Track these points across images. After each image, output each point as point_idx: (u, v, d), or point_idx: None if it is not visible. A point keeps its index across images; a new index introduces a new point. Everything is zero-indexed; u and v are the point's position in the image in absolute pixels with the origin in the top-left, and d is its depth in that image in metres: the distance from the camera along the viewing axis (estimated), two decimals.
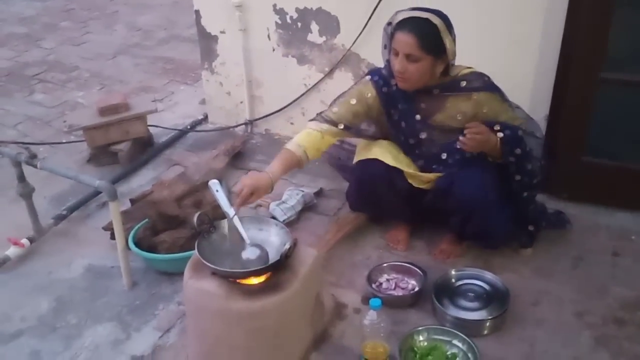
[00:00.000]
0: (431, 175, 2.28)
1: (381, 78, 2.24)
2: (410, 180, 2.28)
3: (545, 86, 2.55)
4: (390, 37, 2.11)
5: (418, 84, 2.13)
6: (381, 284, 2.25)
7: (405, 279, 2.26)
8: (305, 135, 2.22)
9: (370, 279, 2.23)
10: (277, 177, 2.08)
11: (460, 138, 2.09)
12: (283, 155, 2.16)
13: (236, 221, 1.90)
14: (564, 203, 2.65)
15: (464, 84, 2.14)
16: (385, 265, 2.31)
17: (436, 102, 2.19)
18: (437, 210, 2.30)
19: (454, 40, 2.07)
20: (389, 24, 2.12)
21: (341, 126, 2.24)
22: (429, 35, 2.02)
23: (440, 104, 2.19)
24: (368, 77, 2.27)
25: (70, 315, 2.22)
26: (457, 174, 2.18)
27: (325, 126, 2.23)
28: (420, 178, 2.29)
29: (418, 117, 2.21)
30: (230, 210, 1.91)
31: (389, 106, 2.26)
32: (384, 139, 2.36)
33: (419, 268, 2.24)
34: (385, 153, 2.28)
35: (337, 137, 2.29)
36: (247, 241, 1.88)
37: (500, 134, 2.10)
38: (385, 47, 2.19)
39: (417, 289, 2.19)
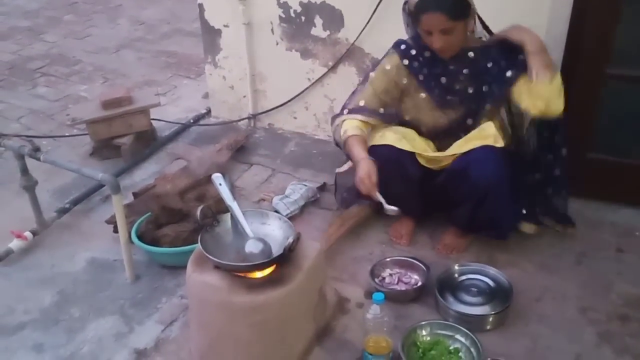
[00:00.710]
0: (449, 156, 2.25)
1: (407, 46, 2.27)
2: (425, 164, 2.27)
3: None
4: (414, 18, 2.13)
5: (458, 48, 2.15)
6: (384, 278, 2.25)
7: (409, 273, 2.26)
8: (350, 122, 2.27)
9: (373, 274, 2.23)
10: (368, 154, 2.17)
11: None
12: (356, 140, 2.22)
13: (239, 215, 1.89)
14: (569, 198, 2.64)
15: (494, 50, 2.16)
16: (388, 259, 2.30)
17: (469, 61, 2.20)
18: (444, 201, 2.29)
19: None
20: (405, 3, 2.16)
21: (373, 118, 2.29)
22: (454, 3, 2.05)
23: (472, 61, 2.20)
24: (392, 50, 2.30)
25: (73, 309, 2.22)
26: (473, 155, 2.16)
27: (362, 117, 2.28)
28: (436, 159, 2.27)
29: (466, 70, 2.22)
30: (233, 204, 1.90)
31: (418, 72, 2.26)
32: (401, 124, 2.36)
33: (422, 263, 2.24)
34: (400, 139, 2.25)
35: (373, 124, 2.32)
36: (250, 235, 1.87)
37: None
38: (407, 25, 2.22)
39: (420, 283, 2.19)
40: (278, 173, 3.01)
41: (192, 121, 3.58)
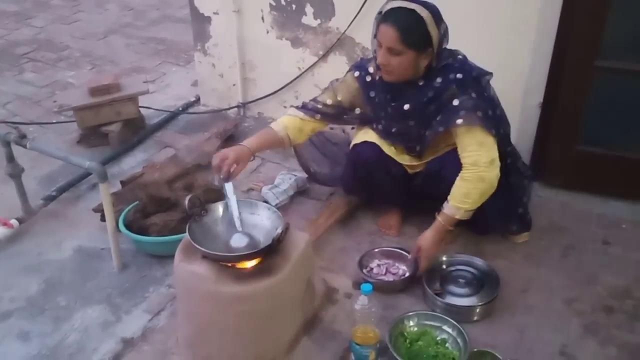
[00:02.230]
0: (421, 161, 2.29)
1: (364, 70, 2.23)
2: (403, 164, 2.30)
3: (540, 74, 2.54)
4: (376, 28, 2.06)
5: (401, 77, 2.08)
6: (372, 269, 2.25)
7: (396, 264, 2.26)
8: (286, 118, 2.25)
9: (361, 264, 2.24)
10: (255, 148, 2.09)
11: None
12: (264, 132, 2.21)
13: (234, 209, 1.90)
14: (556, 191, 2.66)
15: (439, 80, 2.07)
16: (376, 250, 2.31)
17: (419, 93, 2.12)
18: (429, 195, 2.30)
19: (444, 32, 2.01)
20: (380, 13, 2.06)
21: (318, 116, 2.26)
22: (412, 28, 1.95)
23: (423, 95, 2.12)
24: (352, 72, 2.27)
25: (60, 297, 2.21)
26: (447, 157, 2.17)
27: (303, 114, 2.25)
28: (411, 163, 2.31)
29: (407, 106, 2.15)
30: (232, 197, 1.91)
31: (371, 95, 2.24)
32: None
33: (410, 254, 2.24)
34: (379, 138, 2.30)
35: (320, 125, 2.30)
36: (239, 229, 1.87)
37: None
38: (375, 36, 2.11)
39: (407, 274, 2.20)
40: (267, 162, 3.00)
41: (181, 109, 3.55)
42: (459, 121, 2.02)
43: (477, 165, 2.02)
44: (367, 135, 2.29)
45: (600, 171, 2.60)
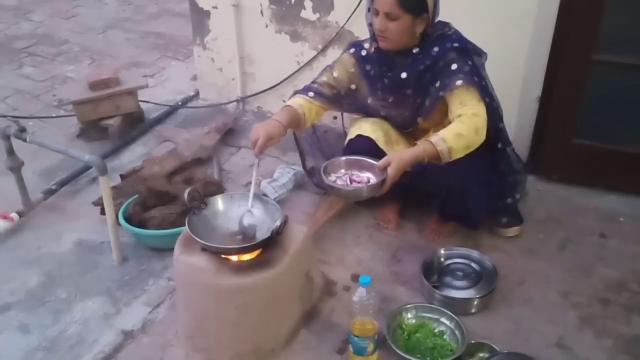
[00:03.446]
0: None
1: (359, 46, 2.28)
2: None
3: (538, 67, 2.55)
4: None
5: (398, 44, 2.11)
6: (336, 180, 2.13)
7: (361, 174, 2.14)
8: (297, 98, 2.26)
9: (326, 172, 2.13)
10: (286, 124, 2.12)
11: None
12: (286, 109, 2.20)
13: (253, 183, 1.96)
14: (554, 184, 2.67)
15: (436, 49, 2.10)
16: (342, 159, 2.19)
17: (416, 62, 2.14)
18: (422, 190, 2.31)
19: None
20: None
21: (320, 97, 2.27)
22: None
23: (420, 62, 2.14)
24: (347, 50, 2.31)
25: (60, 290, 2.22)
26: None
27: (309, 95, 2.27)
28: None
29: (404, 75, 2.15)
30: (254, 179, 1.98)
31: (367, 68, 2.25)
32: (368, 115, 2.37)
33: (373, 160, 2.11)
34: (375, 129, 2.28)
35: (322, 108, 2.30)
36: (250, 206, 1.91)
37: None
38: (369, 10, 2.17)
39: (372, 181, 2.08)
40: (266, 156, 3.00)
41: (180, 103, 3.56)
42: (459, 82, 2.04)
43: (478, 116, 2.02)
44: (362, 129, 2.29)
45: (598, 165, 2.61)
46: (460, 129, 2.00)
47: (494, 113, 2.14)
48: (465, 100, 2.04)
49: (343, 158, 2.22)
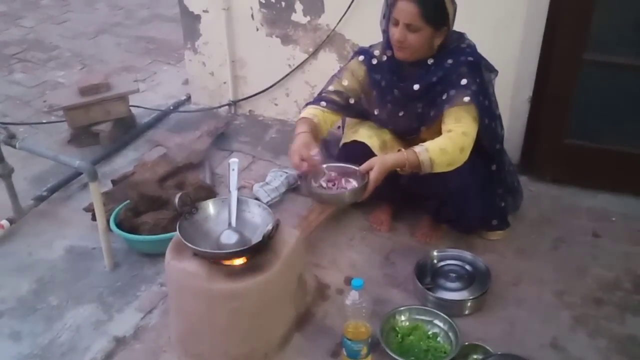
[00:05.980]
0: None
1: (368, 54, 2.24)
2: None
3: (529, 68, 2.56)
4: (390, 6, 2.05)
5: (416, 55, 2.08)
6: (321, 185, 2.09)
7: (343, 180, 2.09)
8: (310, 109, 2.24)
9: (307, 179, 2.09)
10: (309, 132, 2.11)
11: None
12: (302, 120, 2.19)
13: (233, 204, 1.91)
14: (546, 184, 2.68)
15: (450, 61, 2.08)
16: (324, 166, 2.12)
17: (429, 73, 2.12)
18: (417, 193, 2.31)
19: (455, 10, 2.04)
20: None
21: (332, 106, 2.24)
22: (432, 4, 1.98)
23: (433, 74, 2.12)
24: (356, 57, 2.26)
25: (51, 297, 2.20)
26: None
27: (321, 106, 2.24)
28: None
29: (416, 86, 2.13)
30: (234, 192, 1.94)
31: (376, 78, 2.22)
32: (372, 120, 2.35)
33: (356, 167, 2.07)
34: (371, 135, 2.26)
35: (335, 117, 2.29)
36: (233, 224, 1.87)
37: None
38: (384, 16, 2.13)
39: (355, 185, 2.04)
40: (259, 160, 3.01)
41: (171, 108, 3.54)
42: (466, 99, 2.03)
43: (466, 135, 2.02)
44: (357, 134, 2.28)
45: (590, 164, 2.61)
46: (447, 145, 2.00)
47: (493, 134, 2.15)
48: (460, 117, 2.04)
49: (324, 165, 2.16)
